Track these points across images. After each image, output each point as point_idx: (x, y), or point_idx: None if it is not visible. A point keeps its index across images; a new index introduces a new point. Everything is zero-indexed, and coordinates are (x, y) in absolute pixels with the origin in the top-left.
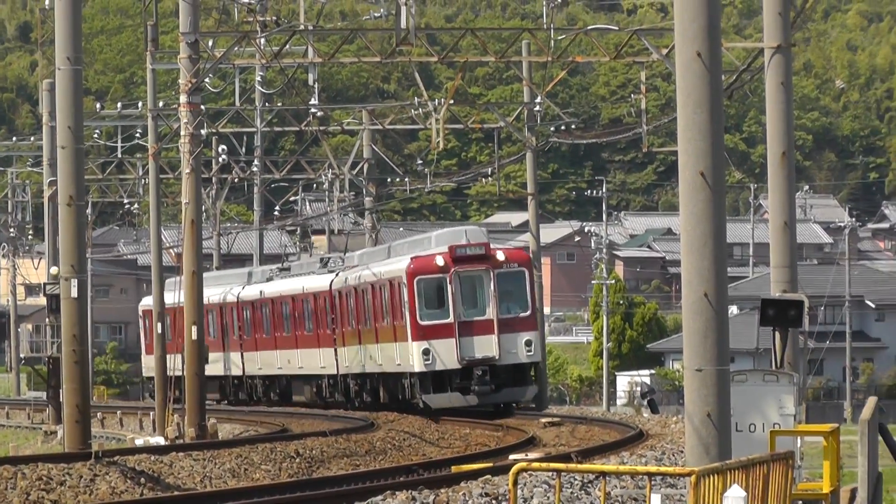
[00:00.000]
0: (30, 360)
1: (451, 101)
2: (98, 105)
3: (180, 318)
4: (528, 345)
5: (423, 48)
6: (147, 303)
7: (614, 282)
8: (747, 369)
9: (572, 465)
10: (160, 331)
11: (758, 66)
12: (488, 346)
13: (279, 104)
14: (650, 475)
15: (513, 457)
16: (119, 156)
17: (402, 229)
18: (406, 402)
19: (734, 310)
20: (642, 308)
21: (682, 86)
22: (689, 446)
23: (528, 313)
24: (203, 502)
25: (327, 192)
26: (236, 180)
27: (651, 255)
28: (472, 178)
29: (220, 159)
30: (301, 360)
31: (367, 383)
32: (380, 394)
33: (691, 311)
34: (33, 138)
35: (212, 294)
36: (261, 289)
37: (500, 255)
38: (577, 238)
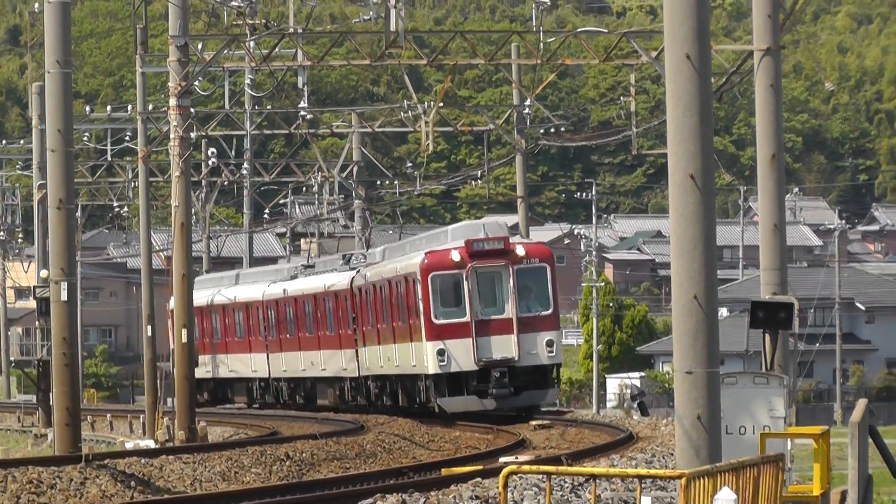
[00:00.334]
0: (20, 363)
1: (441, 104)
2: (88, 108)
3: (206, 319)
4: (549, 345)
5: (412, 51)
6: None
7: (604, 284)
8: (737, 371)
9: (563, 468)
10: (150, 333)
11: (747, 68)
12: (507, 347)
13: (269, 107)
14: (640, 478)
15: (503, 459)
16: (109, 159)
17: (391, 232)
18: (422, 406)
19: (724, 312)
20: (632, 310)
21: (672, 88)
22: (679, 449)
23: (549, 312)
24: None
25: (317, 195)
26: (226, 183)
27: (641, 257)
28: (462, 181)
29: (210, 162)
30: (324, 361)
31: (386, 386)
32: (398, 397)
33: (681, 314)
34: (23, 141)
35: (238, 293)
36: (284, 287)
37: (520, 250)
38: (567, 241)
